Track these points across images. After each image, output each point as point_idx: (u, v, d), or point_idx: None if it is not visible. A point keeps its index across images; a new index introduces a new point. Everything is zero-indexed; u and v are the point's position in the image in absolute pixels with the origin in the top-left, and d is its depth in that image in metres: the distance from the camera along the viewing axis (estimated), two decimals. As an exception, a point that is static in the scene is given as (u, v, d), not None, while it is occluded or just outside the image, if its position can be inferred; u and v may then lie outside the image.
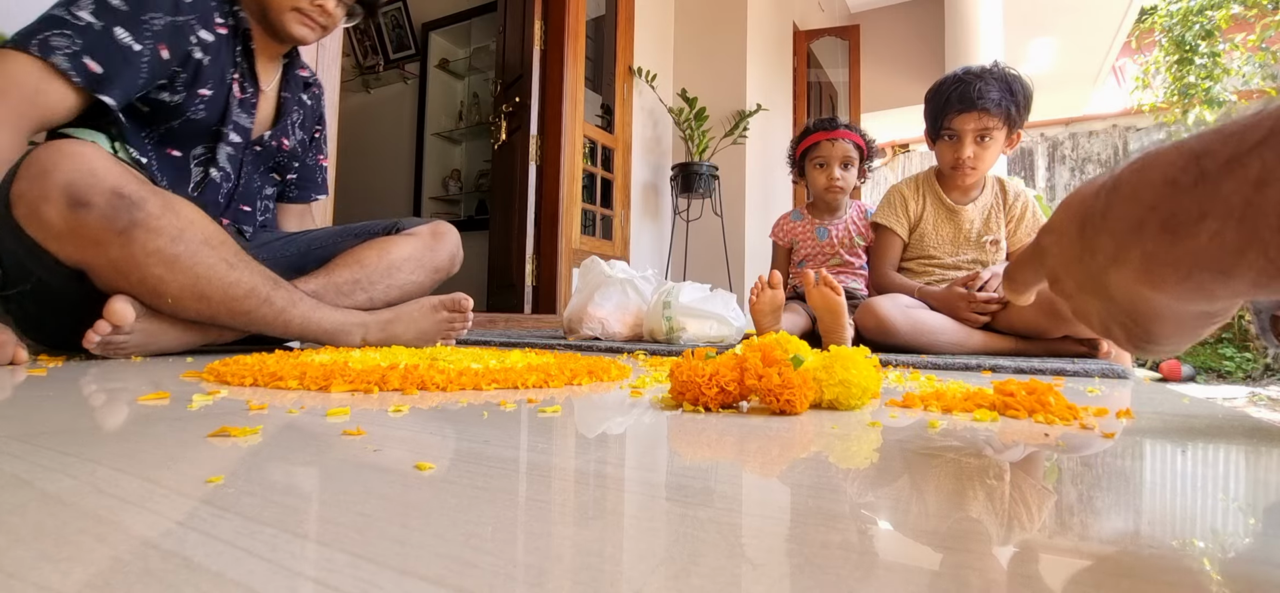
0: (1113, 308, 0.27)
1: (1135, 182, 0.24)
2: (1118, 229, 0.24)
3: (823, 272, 1.13)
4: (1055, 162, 6.24)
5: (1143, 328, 0.27)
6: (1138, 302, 0.26)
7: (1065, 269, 0.30)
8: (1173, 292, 0.23)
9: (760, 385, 0.46)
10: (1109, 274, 0.25)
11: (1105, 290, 0.27)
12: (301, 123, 1.13)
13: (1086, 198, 0.27)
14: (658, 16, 3.11)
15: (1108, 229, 0.25)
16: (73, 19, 0.78)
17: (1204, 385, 4.31)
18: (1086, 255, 0.27)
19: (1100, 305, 0.28)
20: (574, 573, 0.17)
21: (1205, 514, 0.25)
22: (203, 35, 0.90)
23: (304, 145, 1.15)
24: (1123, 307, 0.27)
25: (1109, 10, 4.52)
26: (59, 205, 0.68)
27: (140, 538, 0.19)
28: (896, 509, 0.24)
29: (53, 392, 0.50)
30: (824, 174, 1.57)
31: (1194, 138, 0.22)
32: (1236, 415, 0.50)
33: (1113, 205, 0.25)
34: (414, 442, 0.34)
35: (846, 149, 1.55)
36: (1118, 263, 0.25)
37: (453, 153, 3.91)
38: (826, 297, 1.10)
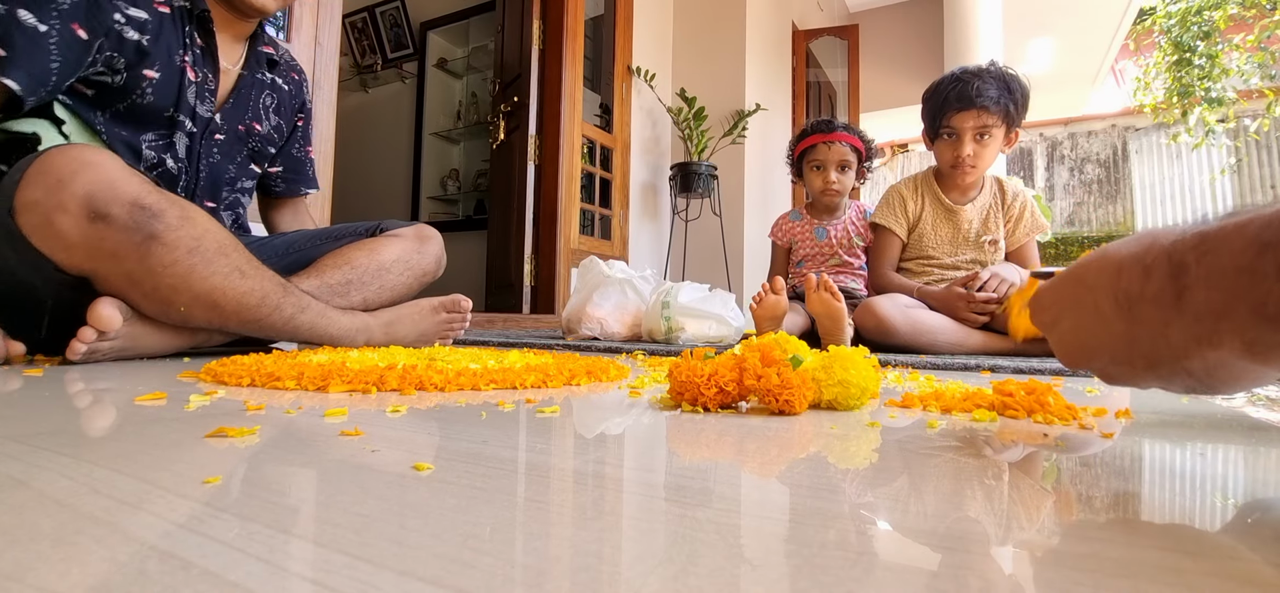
0: (1176, 372, 0.28)
1: (1216, 272, 0.24)
2: (1210, 314, 0.24)
3: (823, 277, 1.13)
4: (1054, 161, 6.24)
5: (1210, 385, 0.28)
6: (1224, 369, 0.26)
7: (1103, 346, 0.30)
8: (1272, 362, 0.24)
9: (759, 386, 0.46)
10: (1200, 350, 0.26)
11: (1178, 361, 0.27)
12: (277, 107, 1.08)
13: (1118, 273, 0.28)
14: (656, 16, 3.11)
15: (1193, 314, 0.25)
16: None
17: (1202, 385, 4.31)
18: (1151, 336, 0.27)
19: (1152, 372, 0.29)
20: (572, 574, 0.17)
21: (1204, 514, 0.25)
22: (133, 13, 0.85)
23: (281, 132, 1.10)
24: (1198, 371, 0.27)
25: (1108, 11, 4.53)
26: (77, 218, 0.66)
27: (137, 539, 0.19)
28: (895, 510, 0.24)
29: (49, 392, 0.50)
30: (820, 177, 1.57)
31: (1261, 224, 0.22)
32: (1235, 415, 0.50)
33: (1193, 295, 0.25)
34: (412, 442, 0.34)
35: (843, 152, 1.54)
36: (1213, 344, 0.25)
37: (451, 152, 3.90)
38: (826, 302, 1.11)
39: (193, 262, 0.73)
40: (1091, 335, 0.31)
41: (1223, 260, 0.23)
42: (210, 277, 0.74)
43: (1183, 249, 0.25)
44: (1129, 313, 0.28)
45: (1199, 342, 0.25)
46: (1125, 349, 0.29)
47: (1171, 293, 0.26)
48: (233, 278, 0.77)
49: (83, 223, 0.66)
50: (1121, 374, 0.31)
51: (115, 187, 0.67)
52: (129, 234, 0.68)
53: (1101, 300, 0.30)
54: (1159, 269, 0.26)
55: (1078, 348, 0.33)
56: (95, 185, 0.66)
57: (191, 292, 0.74)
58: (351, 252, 1.02)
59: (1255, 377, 0.27)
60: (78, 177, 0.66)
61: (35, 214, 0.66)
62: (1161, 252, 0.27)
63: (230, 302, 0.77)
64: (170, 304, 0.74)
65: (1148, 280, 0.27)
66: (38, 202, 0.66)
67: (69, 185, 0.66)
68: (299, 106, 1.15)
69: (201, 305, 0.75)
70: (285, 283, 0.84)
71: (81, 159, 0.67)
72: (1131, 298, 0.28)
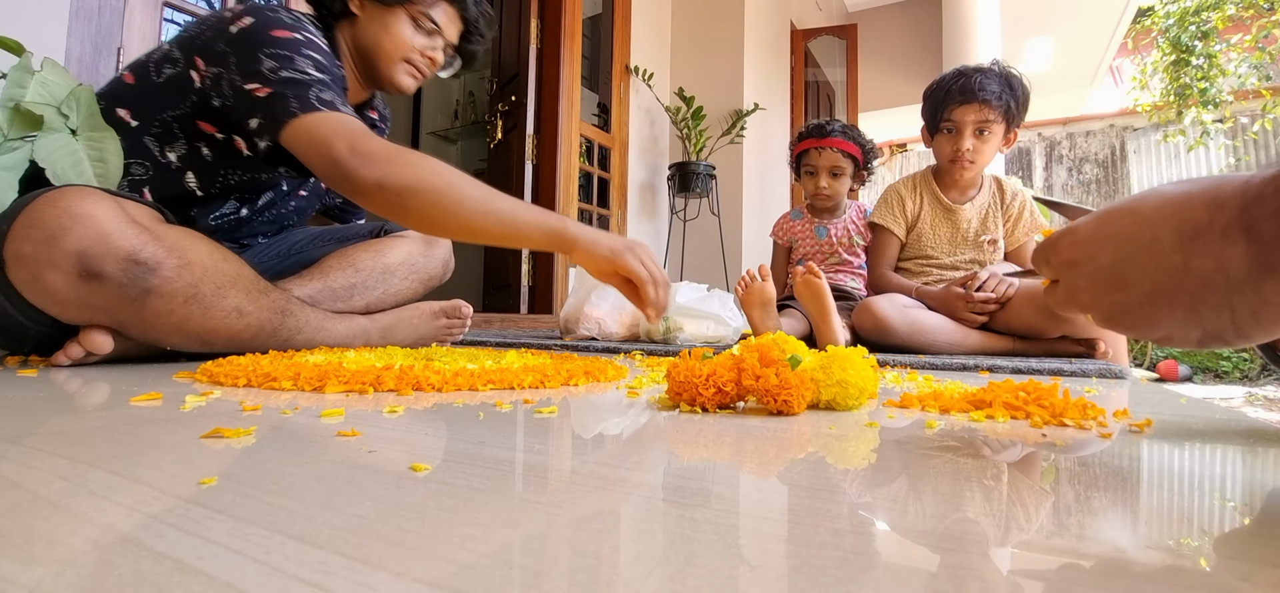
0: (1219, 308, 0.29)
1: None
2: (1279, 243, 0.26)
3: (809, 263, 1.12)
4: (1053, 161, 6.25)
5: (1243, 328, 0.29)
6: (1272, 307, 0.27)
7: (1148, 276, 0.30)
8: None
9: (758, 386, 0.45)
10: (1261, 280, 0.27)
11: (1228, 296, 0.28)
12: None
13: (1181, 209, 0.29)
14: (655, 15, 3.11)
15: (1261, 243, 0.26)
16: (310, 76, 0.79)
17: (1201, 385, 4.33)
18: (1208, 267, 0.28)
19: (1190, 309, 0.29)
20: (571, 575, 0.17)
21: (1202, 515, 0.25)
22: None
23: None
24: (1243, 310, 0.28)
25: (1106, 11, 4.53)
26: (69, 275, 0.63)
27: (133, 541, 0.19)
28: (894, 510, 0.24)
29: (44, 393, 0.50)
30: (812, 182, 1.57)
31: None
32: (1233, 416, 0.50)
33: (1263, 227, 0.26)
34: (409, 443, 0.34)
35: (834, 158, 1.54)
36: (1277, 271, 0.26)
37: (448, 152, 3.90)
38: (810, 283, 1.10)
39: (189, 310, 0.71)
40: (1136, 266, 0.31)
41: None
42: (207, 320, 0.73)
43: (1258, 184, 0.27)
44: (1189, 244, 0.29)
45: (1264, 270, 0.26)
46: (1172, 280, 0.30)
47: (1241, 225, 0.27)
48: (230, 319, 0.75)
49: (74, 281, 0.63)
50: (1147, 314, 0.31)
51: (109, 240, 0.64)
52: (123, 291, 0.65)
53: (1161, 230, 0.30)
54: (1230, 204, 0.28)
55: (1113, 282, 0.32)
56: (88, 241, 0.63)
57: (184, 334, 0.73)
58: (356, 253, 1.02)
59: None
60: (69, 232, 0.62)
61: (25, 269, 0.63)
62: (1234, 189, 0.28)
63: (223, 339, 0.76)
64: (161, 341, 0.73)
65: (1218, 212, 0.28)
66: (27, 256, 0.62)
67: (60, 241, 0.62)
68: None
69: (194, 342, 0.75)
70: (284, 306, 0.83)
71: (72, 212, 0.63)
72: (1198, 228, 0.29)
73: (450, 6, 0.99)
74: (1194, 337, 0.31)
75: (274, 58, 0.79)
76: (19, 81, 0.79)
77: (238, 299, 0.76)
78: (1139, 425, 0.43)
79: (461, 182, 0.78)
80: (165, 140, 0.86)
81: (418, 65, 0.98)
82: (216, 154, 0.87)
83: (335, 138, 0.76)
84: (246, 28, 0.81)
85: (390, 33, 0.95)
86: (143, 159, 0.86)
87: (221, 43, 0.81)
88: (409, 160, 0.77)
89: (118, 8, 1.28)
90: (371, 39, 0.95)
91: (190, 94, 0.84)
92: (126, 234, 0.65)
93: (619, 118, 2.88)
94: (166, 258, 0.68)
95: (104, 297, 0.65)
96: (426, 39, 0.97)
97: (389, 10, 0.94)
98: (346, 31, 0.96)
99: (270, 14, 0.83)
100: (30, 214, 0.63)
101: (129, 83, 0.86)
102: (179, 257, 0.70)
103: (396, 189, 0.75)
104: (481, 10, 1.04)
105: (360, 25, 0.95)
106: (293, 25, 0.83)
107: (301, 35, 0.82)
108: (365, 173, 0.74)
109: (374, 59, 0.96)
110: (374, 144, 0.76)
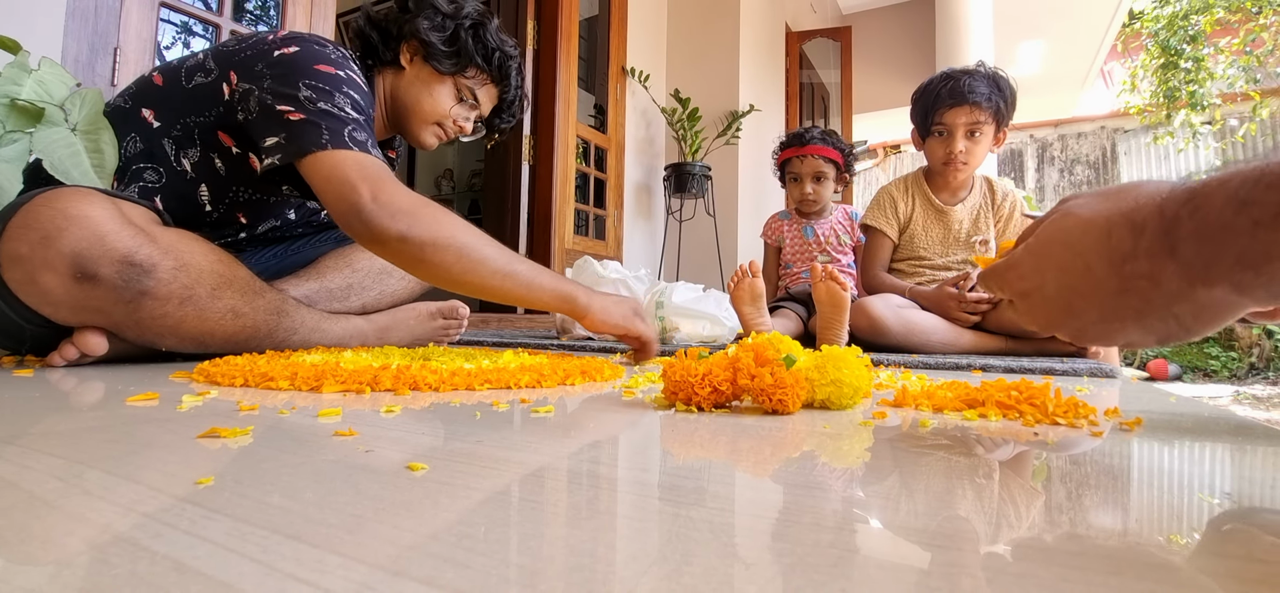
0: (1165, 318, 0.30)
1: (1203, 228, 0.27)
2: (1201, 263, 0.27)
3: (828, 266, 1.13)
4: (1044, 162, 6.29)
5: (1193, 327, 0.30)
6: (1211, 309, 0.29)
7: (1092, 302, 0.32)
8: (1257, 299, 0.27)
9: (753, 385, 0.46)
10: (1193, 292, 0.28)
11: (1168, 307, 0.30)
12: None
13: (1106, 234, 0.30)
14: (651, 17, 3.11)
15: (1185, 263, 0.28)
16: (346, 114, 0.79)
17: (1190, 384, 4.37)
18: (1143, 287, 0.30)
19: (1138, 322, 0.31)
20: (567, 573, 0.17)
21: (1192, 511, 0.26)
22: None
23: None
24: (1186, 315, 0.30)
25: (1097, 14, 4.57)
26: (63, 277, 0.62)
27: (129, 541, 0.19)
28: (887, 508, 0.25)
29: (40, 393, 0.49)
30: (797, 188, 1.60)
31: (1239, 181, 0.25)
32: (1222, 414, 0.51)
33: (1184, 248, 0.27)
34: (406, 442, 0.34)
35: (816, 165, 1.56)
36: (1207, 284, 0.28)
37: (445, 153, 3.89)
38: (833, 292, 1.11)
39: (184, 312, 0.70)
40: (1079, 294, 0.33)
41: (1209, 216, 0.26)
42: (202, 323, 0.73)
43: (1175, 205, 0.28)
44: (1120, 269, 0.30)
45: (1192, 284, 0.28)
46: (1115, 303, 0.31)
47: (1165, 247, 0.28)
48: (225, 320, 0.75)
49: (69, 282, 0.63)
50: (1104, 330, 0.33)
51: (105, 242, 0.63)
52: (118, 293, 0.65)
53: (1093, 261, 0.31)
54: (1151, 226, 0.29)
55: (1063, 309, 0.34)
56: (83, 243, 0.62)
57: (180, 335, 0.72)
58: (353, 254, 1.01)
59: (1237, 310, 0.29)
60: (65, 233, 0.62)
61: (20, 270, 0.62)
62: (1153, 209, 0.29)
63: (218, 340, 0.76)
64: (157, 343, 0.72)
65: (1140, 238, 0.29)
66: (23, 257, 0.62)
67: (55, 242, 0.62)
68: None
69: (190, 343, 0.74)
70: (280, 307, 0.83)
71: (68, 213, 0.62)
72: (1124, 255, 0.30)
73: (495, 87, 1.00)
74: (1153, 340, 0.32)
75: (313, 89, 0.78)
76: (14, 79, 0.79)
77: (233, 300, 0.76)
78: (1129, 424, 0.43)
79: (484, 243, 0.78)
80: (183, 145, 0.85)
81: (447, 130, 0.99)
82: (229, 168, 0.86)
83: (360, 182, 0.75)
84: (290, 55, 0.80)
85: (433, 96, 0.95)
86: (157, 164, 0.85)
87: (261, 63, 0.81)
88: (434, 216, 0.76)
89: (114, 8, 1.28)
90: (412, 96, 0.96)
91: (217, 104, 0.83)
92: (122, 236, 0.65)
93: (615, 119, 2.88)
94: (162, 260, 0.68)
95: (99, 298, 0.65)
96: (464, 111, 0.99)
97: (438, 76, 0.95)
98: (388, 79, 0.96)
99: (317, 47, 0.82)
100: (25, 215, 0.63)
101: (157, 84, 0.86)
102: (174, 258, 0.69)
103: (419, 243, 0.74)
104: (520, 94, 1.05)
105: (404, 79, 0.96)
106: (337, 62, 0.82)
107: (344, 74, 0.82)
108: (389, 225, 0.74)
109: (408, 115, 0.97)
110: (400, 196, 0.76)
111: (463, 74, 0.96)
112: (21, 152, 0.78)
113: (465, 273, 0.77)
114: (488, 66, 0.97)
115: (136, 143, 0.84)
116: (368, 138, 0.80)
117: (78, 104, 0.82)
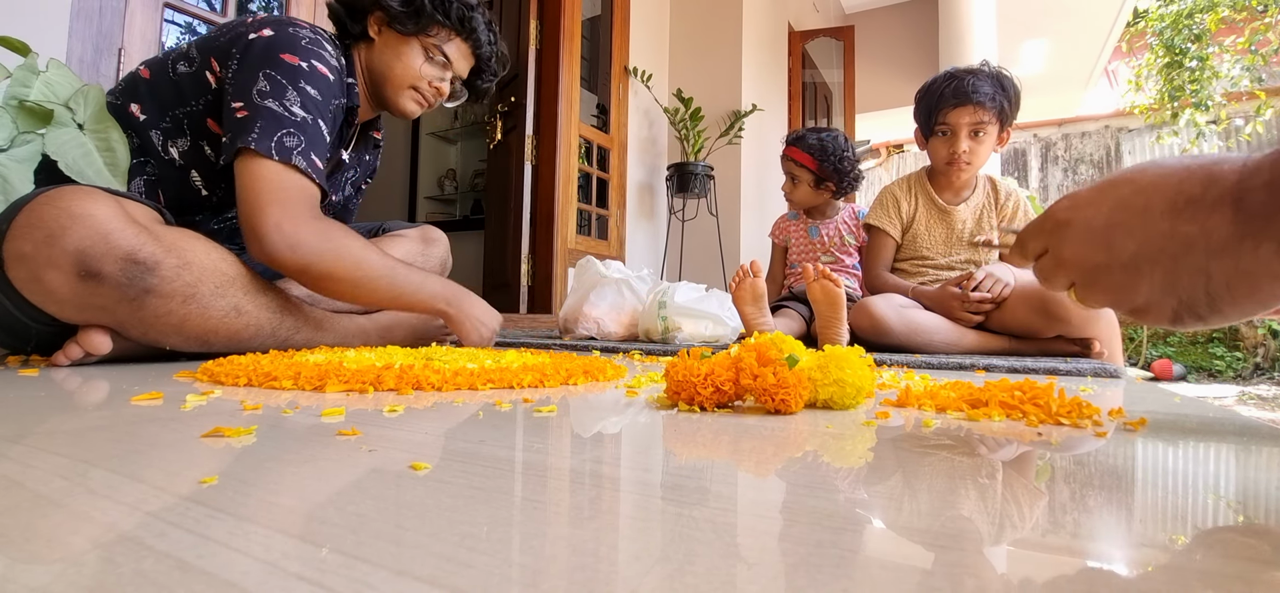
0: (1194, 277, 0.31)
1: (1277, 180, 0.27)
2: (1262, 215, 0.28)
3: (820, 266, 1.13)
4: (1048, 162, 6.27)
5: (1216, 304, 0.30)
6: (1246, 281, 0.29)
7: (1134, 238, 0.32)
8: None
9: (755, 385, 0.46)
10: (1239, 249, 0.29)
11: (1206, 262, 0.30)
12: (353, 179, 1.13)
13: (1180, 183, 0.30)
14: (653, 16, 3.11)
15: (1247, 214, 0.28)
16: (289, 114, 0.79)
17: (1195, 385, 4.35)
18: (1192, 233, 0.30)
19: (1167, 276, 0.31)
20: (569, 573, 0.17)
21: (1196, 513, 0.26)
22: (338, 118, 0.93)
23: (348, 196, 1.16)
24: (1219, 279, 0.30)
25: (1101, 13, 4.55)
26: (68, 274, 0.62)
27: (134, 539, 0.19)
28: (890, 508, 0.25)
29: (45, 392, 0.50)
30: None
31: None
32: (1227, 414, 0.51)
33: (1252, 198, 0.28)
34: (409, 442, 0.34)
35: (789, 165, 1.60)
36: (1256, 240, 0.28)
37: (448, 153, 3.89)
38: (827, 290, 1.11)
39: (187, 310, 0.71)
40: (1125, 229, 0.33)
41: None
42: (205, 320, 0.73)
43: (1257, 159, 0.29)
44: (1179, 213, 0.30)
45: (1242, 238, 0.28)
46: (1156, 244, 0.31)
47: (1233, 196, 0.29)
48: (228, 318, 0.75)
49: (73, 280, 0.63)
50: (1130, 278, 0.33)
51: (109, 240, 0.64)
52: (122, 290, 0.65)
53: (1154, 200, 0.32)
54: (1227, 178, 0.29)
55: (1102, 242, 0.34)
56: (87, 240, 0.63)
57: (183, 334, 0.72)
58: None
59: (1267, 294, 0.30)
60: (69, 232, 0.62)
61: (25, 268, 0.63)
62: (1233, 165, 0.30)
63: (221, 338, 0.76)
64: (161, 341, 0.73)
65: (1212, 186, 0.30)
66: (27, 256, 0.62)
67: (59, 240, 0.62)
68: (371, 171, 1.19)
69: (194, 342, 0.74)
70: (283, 306, 0.83)
71: (71, 211, 0.63)
72: (1191, 198, 0.30)
73: (463, 43, 1.01)
74: (1169, 307, 0.32)
75: (269, 80, 0.79)
76: (23, 81, 0.80)
77: (237, 298, 0.76)
78: (1134, 424, 0.43)
79: (376, 270, 0.84)
80: (170, 136, 0.86)
81: (424, 93, 1.00)
82: (218, 154, 0.87)
83: (269, 205, 0.78)
84: (259, 40, 0.81)
85: (402, 60, 0.97)
86: (150, 157, 0.86)
87: (235, 48, 0.82)
88: (336, 251, 0.81)
89: (118, 9, 1.28)
90: (383, 64, 0.98)
91: (205, 92, 0.84)
92: (125, 234, 0.65)
93: (618, 119, 2.88)
94: (165, 257, 0.68)
95: (103, 296, 0.65)
96: (437, 70, 1.00)
97: (403, 39, 0.97)
98: (362, 53, 0.98)
99: (290, 32, 0.83)
100: (30, 214, 0.63)
101: (144, 77, 0.87)
102: (178, 256, 0.70)
103: (317, 277, 0.81)
104: (495, 51, 1.06)
105: (376, 49, 0.98)
106: (305, 50, 0.83)
107: (308, 64, 0.82)
108: (289, 257, 0.79)
109: (383, 83, 0.98)
110: (304, 228, 0.79)
111: (426, 33, 0.97)
112: (34, 153, 0.79)
113: (356, 297, 0.85)
114: (448, 20, 0.98)
115: (133, 138, 0.85)
116: (301, 144, 0.80)
117: (82, 102, 0.83)
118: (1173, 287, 0.31)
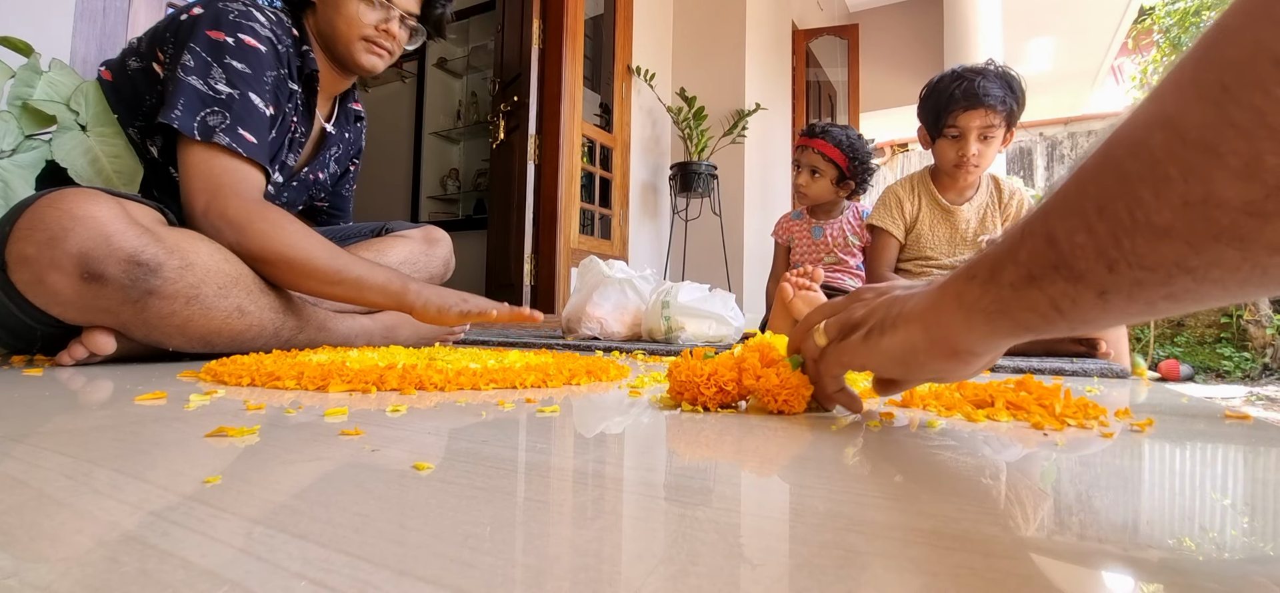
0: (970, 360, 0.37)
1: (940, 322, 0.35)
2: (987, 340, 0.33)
3: (795, 279, 1.12)
4: (1054, 161, 6.24)
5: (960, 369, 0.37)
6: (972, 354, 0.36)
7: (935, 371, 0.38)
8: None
9: (759, 385, 0.46)
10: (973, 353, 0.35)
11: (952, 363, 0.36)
12: (339, 156, 1.12)
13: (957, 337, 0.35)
14: (656, 15, 3.11)
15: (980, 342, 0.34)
16: (213, 92, 0.79)
17: (1203, 385, 4.32)
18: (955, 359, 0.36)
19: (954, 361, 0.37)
20: (573, 574, 0.17)
21: (1204, 513, 0.25)
22: (292, 86, 0.92)
23: (336, 178, 1.14)
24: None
25: (1107, 10, 4.53)
26: (71, 277, 0.63)
27: (137, 538, 0.19)
28: (895, 509, 0.24)
29: (49, 392, 0.50)
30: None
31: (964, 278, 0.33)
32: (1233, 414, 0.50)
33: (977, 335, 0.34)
34: (412, 442, 0.34)
35: (812, 158, 1.55)
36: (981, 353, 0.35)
37: (451, 152, 3.90)
38: (809, 301, 1.11)
39: (191, 311, 0.71)
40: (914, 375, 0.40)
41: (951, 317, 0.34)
42: (209, 321, 0.73)
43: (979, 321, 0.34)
44: (957, 353, 0.35)
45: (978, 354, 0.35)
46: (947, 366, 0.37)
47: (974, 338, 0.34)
48: (232, 319, 0.76)
49: (76, 282, 0.63)
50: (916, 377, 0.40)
51: (111, 242, 0.64)
52: (125, 292, 0.65)
53: (925, 360, 0.37)
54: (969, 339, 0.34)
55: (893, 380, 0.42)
56: (89, 242, 0.63)
57: (186, 335, 0.73)
58: (357, 252, 1.02)
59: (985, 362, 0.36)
60: (71, 234, 0.62)
61: (28, 271, 0.63)
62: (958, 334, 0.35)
63: (225, 339, 0.76)
64: (164, 342, 0.73)
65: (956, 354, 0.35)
66: (30, 258, 0.62)
67: (62, 243, 0.62)
68: (357, 150, 1.18)
69: (197, 343, 0.75)
70: (286, 305, 0.83)
71: (74, 213, 0.63)
72: (961, 347, 0.35)
73: None
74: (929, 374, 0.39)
75: (193, 56, 0.79)
76: (27, 81, 0.80)
77: (240, 299, 0.76)
78: (1140, 425, 0.43)
79: (315, 254, 0.81)
80: (146, 133, 0.86)
81: (378, 41, 0.97)
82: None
83: (198, 192, 0.78)
84: (190, 18, 0.81)
85: (342, 14, 0.94)
86: (139, 157, 0.87)
87: (169, 32, 0.82)
88: (265, 231, 0.79)
89: (122, 9, 1.29)
90: (328, 21, 0.95)
91: (156, 84, 0.84)
92: (128, 236, 0.65)
93: (621, 118, 2.88)
94: (168, 259, 0.68)
95: (106, 298, 0.65)
96: (379, 13, 0.96)
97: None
98: (311, 20, 0.97)
99: (219, 8, 0.82)
100: (32, 216, 0.63)
101: (107, 80, 0.87)
102: (181, 258, 0.70)
103: (250, 256, 0.79)
104: None
105: (320, 11, 0.96)
106: (232, 26, 0.82)
107: (233, 40, 0.81)
108: (221, 236, 0.78)
109: (334, 41, 0.96)
110: (232, 207, 0.78)
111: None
112: (38, 159, 0.79)
113: (295, 283, 0.82)
114: None
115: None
116: (226, 121, 0.79)
117: (83, 102, 0.83)
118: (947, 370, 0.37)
